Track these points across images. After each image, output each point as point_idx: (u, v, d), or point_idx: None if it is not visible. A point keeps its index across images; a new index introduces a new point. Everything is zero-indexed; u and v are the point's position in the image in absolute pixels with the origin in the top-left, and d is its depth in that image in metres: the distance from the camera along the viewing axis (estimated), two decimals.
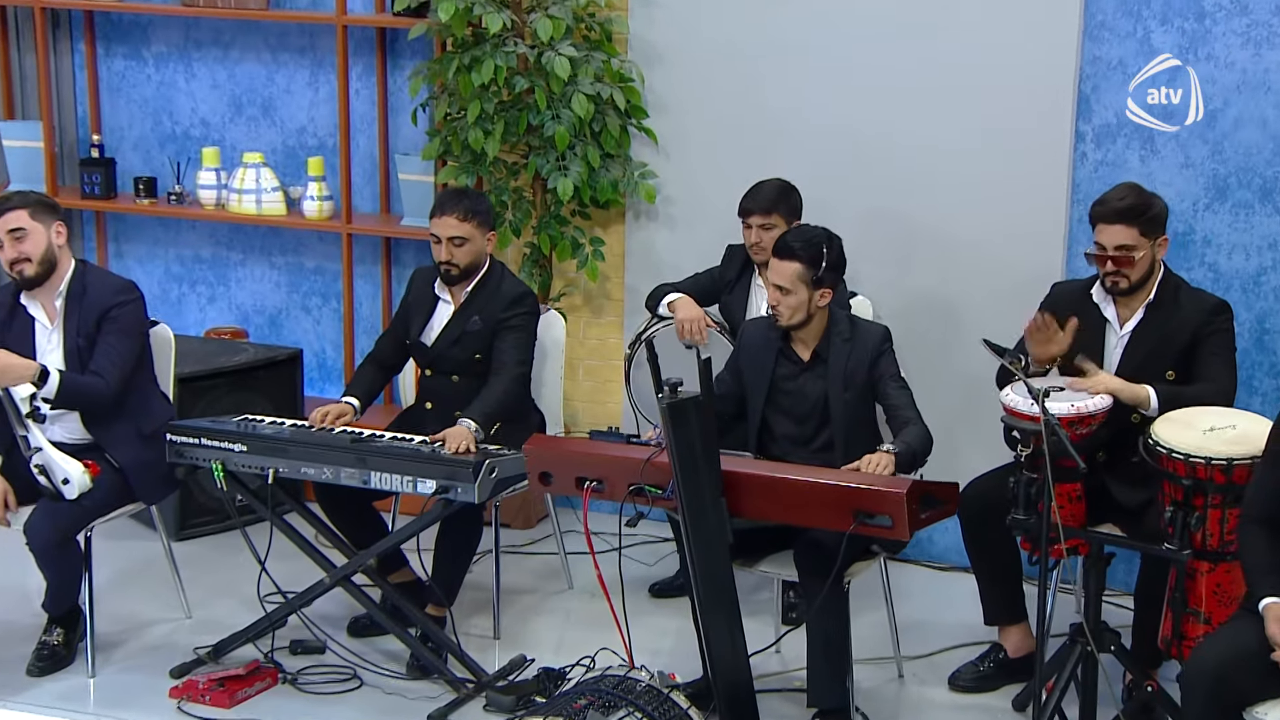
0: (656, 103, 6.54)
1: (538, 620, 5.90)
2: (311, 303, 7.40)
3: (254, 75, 7.28)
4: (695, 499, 4.35)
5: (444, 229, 5.52)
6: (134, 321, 5.26)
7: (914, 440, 4.83)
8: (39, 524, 5.05)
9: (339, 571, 5.28)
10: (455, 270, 5.55)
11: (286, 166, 7.26)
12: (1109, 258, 5.06)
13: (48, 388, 5.01)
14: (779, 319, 5.05)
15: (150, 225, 7.57)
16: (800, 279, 4.99)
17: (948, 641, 5.69)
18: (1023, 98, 5.98)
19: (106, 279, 5.32)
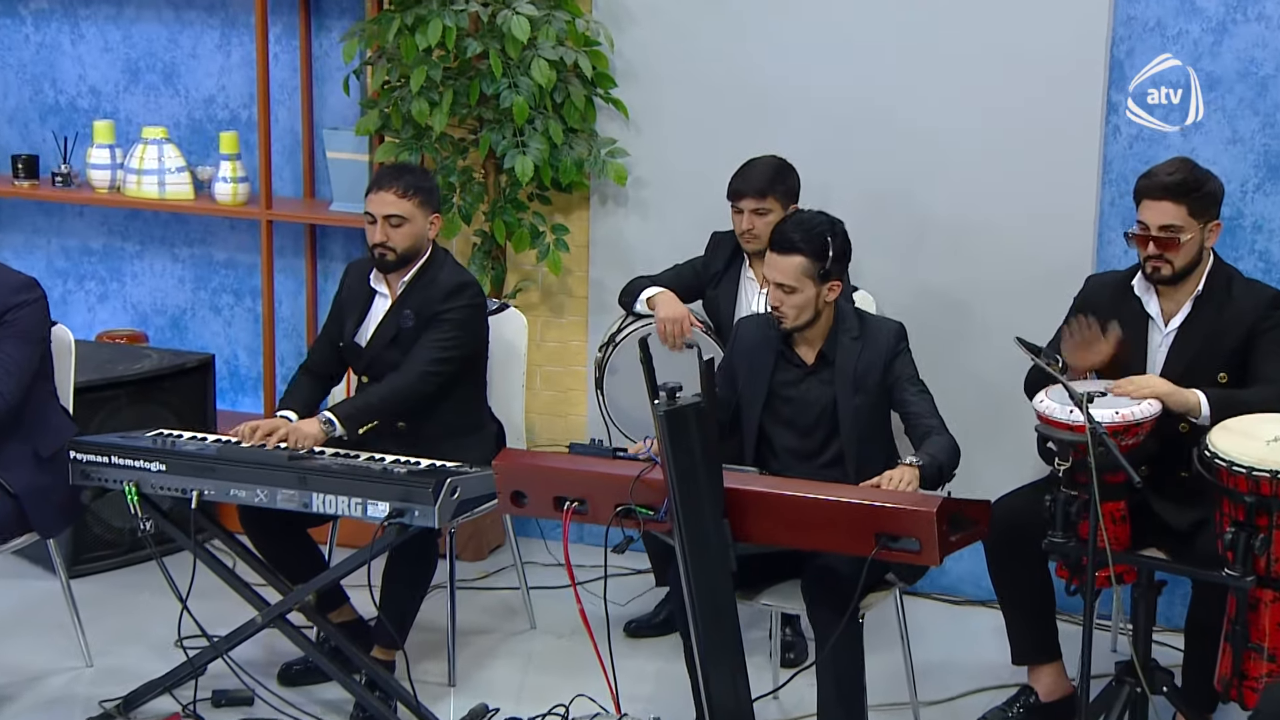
0: (626, 70, 6.62)
1: (497, 664, 5.97)
2: (222, 301, 7.44)
3: (153, 37, 7.31)
4: (695, 521, 4.42)
5: (379, 206, 5.57)
6: (35, 325, 5.28)
7: (939, 452, 4.93)
8: None
9: (273, 609, 5.31)
10: (391, 256, 5.59)
11: (192, 143, 7.30)
12: (1151, 238, 5.17)
13: None
14: (783, 321, 5.13)
15: (29, 211, 7.58)
16: (805, 274, 5.08)
17: (968, 685, 5.79)
18: (1048, 63, 6.09)
19: (5, 274, 5.33)
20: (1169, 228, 5.16)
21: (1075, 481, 4.85)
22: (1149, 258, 5.21)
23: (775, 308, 5.13)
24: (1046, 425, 4.91)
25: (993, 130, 6.22)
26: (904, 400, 5.12)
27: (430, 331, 5.57)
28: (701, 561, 4.49)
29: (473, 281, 5.69)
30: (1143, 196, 5.21)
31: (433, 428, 5.61)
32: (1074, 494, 4.83)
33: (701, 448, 4.39)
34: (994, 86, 6.19)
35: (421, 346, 5.57)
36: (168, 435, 5.47)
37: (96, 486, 5.31)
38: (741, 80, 6.50)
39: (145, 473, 5.22)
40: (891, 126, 6.33)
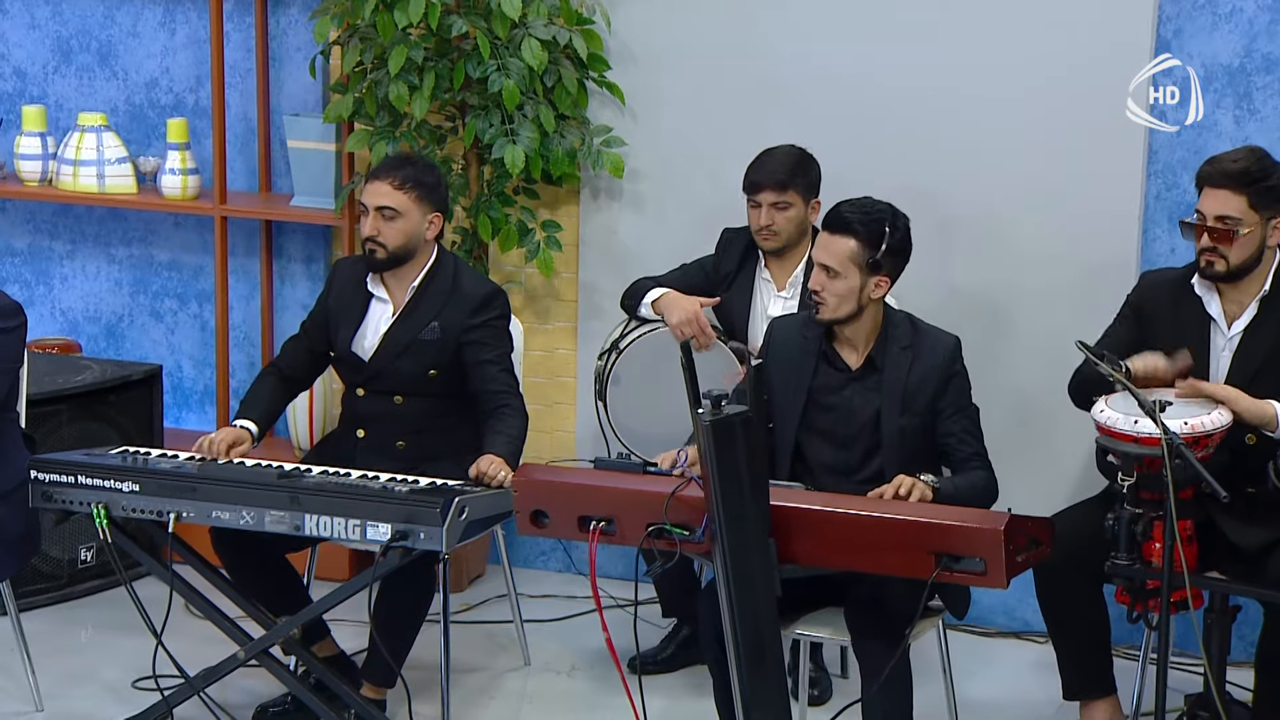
0: (620, 51, 6.73)
1: (492, 705, 6.06)
2: (163, 306, 7.49)
3: (87, 13, 7.36)
4: (740, 542, 4.52)
5: (373, 196, 5.66)
6: (11, 353, 5.39)
7: (966, 488, 5.07)
8: None
9: (257, 643, 5.39)
10: (381, 253, 5.68)
11: (132, 131, 7.35)
12: (1206, 229, 5.31)
13: None
14: (820, 310, 5.24)
15: None
16: (853, 260, 5.19)
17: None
18: (1089, 45, 6.24)
19: None
20: (1226, 219, 5.31)
21: (1139, 498, 4.99)
22: (1203, 250, 5.36)
23: (815, 292, 5.24)
24: (1109, 437, 5.05)
25: (1028, 117, 6.36)
26: (949, 432, 5.24)
27: (478, 351, 5.70)
28: (745, 587, 4.58)
29: (500, 290, 5.83)
30: (1204, 183, 5.37)
31: (437, 446, 5.71)
32: (1139, 512, 4.97)
33: (748, 461, 4.49)
34: (1029, 69, 6.32)
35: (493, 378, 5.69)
36: (135, 452, 5.53)
37: (60, 509, 5.36)
38: (748, 61, 6.62)
39: (116, 493, 5.28)
40: (916, 113, 6.46)
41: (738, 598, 4.58)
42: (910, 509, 4.75)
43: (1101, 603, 5.51)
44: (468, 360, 5.70)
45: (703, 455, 4.50)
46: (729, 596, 4.59)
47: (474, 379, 5.70)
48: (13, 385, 5.46)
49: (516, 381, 5.77)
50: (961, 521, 4.58)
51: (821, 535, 4.67)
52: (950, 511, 4.70)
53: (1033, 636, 6.57)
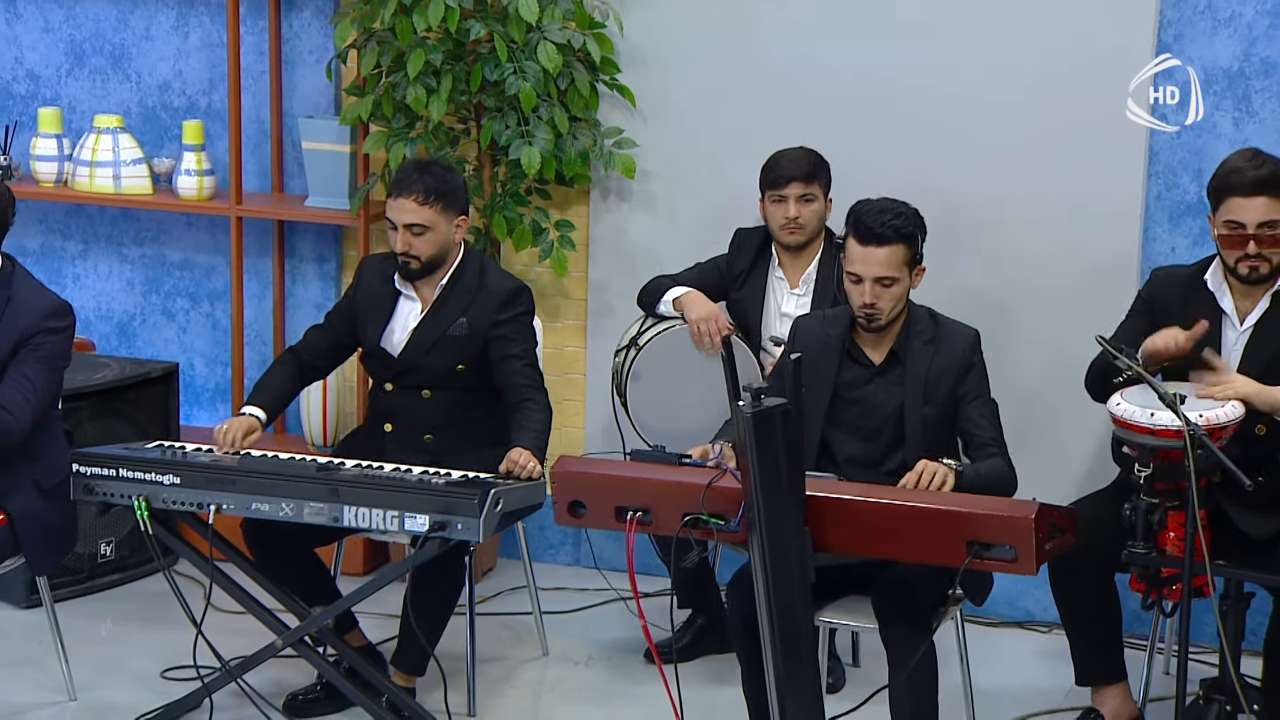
0: (630, 54, 6.81)
1: (514, 694, 6.14)
2: (176, 306, 7.54)
3: (101, 17, 7.41)
4: (778, 530, 4.60)
5: (400, 214, 5.73)
6: (60, 353, 5.45)
7: (988, 473, 5.17)
8: None
9: (294, 632, 5.46)
10: (416, 264, 5.77)
11: (145, 133, 7.39)
12: (1251, 237, 5.38)
13: None
14: (875, 319, 5.33)
15: None
16: (905, 263, 5.33)
17: (1019, 710, 6.02)
18: (1090, 48, 6.34)
19: (38, 295, 5.49)
20: (1271, 224, 5.37)
21: (1155, 489, 5.09)
22: (1245, 257, 5.40)
23: (870, 305, 5.32)
24: (1125, 430, 5.14)
25: (1030, 118, 6.46)
26: (969, 419, 5.36)
27: (509, 347, 5.79)
28: (781, 574, 4.65)
29: (526, 286, 5.92)
30: (1230, 194, 5.40)
31: (463, 439, 5.78)
32: (1155, 502, 5.07)
33: (786, 452, 4.57)
34: (1031, 71, 6.42)
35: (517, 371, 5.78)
36: (171, 446, 5.59)
37: (101, 502, 5.42)
38: (756, 64, 6.70)
39: (157, 486, 5.34)
40: (921, 114, 6.56)
41: (774, 585, 4.65)
42: (942, 499, 4.85)
43: (1113, 591, 5.61)
44: (493, 355, 5.77)
45: (742, 446, 4.58)
46: (765, 584, 4.66)
47: (499, 373, 5.78)
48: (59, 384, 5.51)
49: (541, 376, 5.85)
50: (993, 510, 4.67)
51: (855, 524, 4.75)
52: (981, 501, 4.79)
53: (1035, 626, 6.67)
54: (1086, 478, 6.38)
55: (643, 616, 5.03)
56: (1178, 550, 5.10)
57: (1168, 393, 4.91)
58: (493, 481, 5.31)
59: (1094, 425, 6.42)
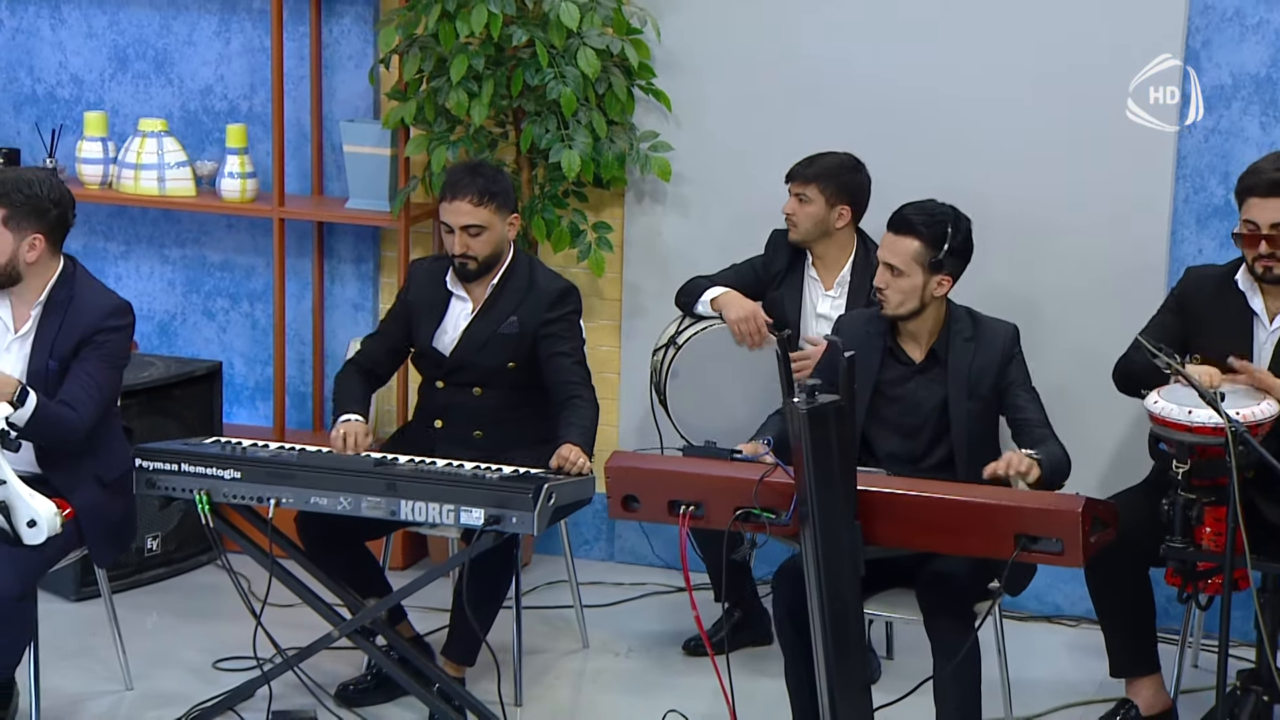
0: (666, 59, 6.85)
1: (558, 685, 6.19)
2: (216, 306, 7.58)
3: (144, 23, 7.44)
4: (830, 523, 4.65)
5: (456, 216, 5.78)
6: (122, 351, 5.49)
7: (1055, 458, 5.22)
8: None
9: (351, 622, 5.52)
10: (473, 265, 5.82)
11: (186, 136, 7.42)
12: (1263, 237, 5.46)
13: (21, 411, 5.17)
14: (884, 305, 5.39)
15: None
16: (916, 260, 5.34)
17: (1053, 701, 6.06)
18: (1121, 54, 6.39)
19: (100, 295, 5.51)
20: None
21: (1192, 485, 5.13)
22: (1259, 257, 5.50)
23: (879, 290, 5.39)
24: (1163, 427, 5.18)
25: (1060, 122, 6.51)
26: (1016, 405, 5.40)
27: (558, 345, 5.85)
28: (833, 567, 4.71)
29: (573, 286, 5.97)
30: (1249, 194, 5.50)
31: (512, 435, 5.83)
32: (1193, 498, 5.11)
33: (840, 448, 4.62)
34: (1063, 76, 6.48)
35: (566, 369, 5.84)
36: (228, 442, 5.63)
37: (163, 496, 5.47)
38: (789, 69, 6.75)
39: (218, 480, 5.39)
40: (952, 116, 6.61)
41: (826, 577, 4.71)
42: (992, 493, 4.89)
43: (1148, 585, 5.67)
44: (542, 353, 5.82)
45: (796, 441, 4.62)
46: (817, 576, 4.71)
47: (548, 370, 5.83)
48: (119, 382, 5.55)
49: (588, 373, 5.90)
50: (1041, 504, 4.73)
51: (905, 518, 4.81)
52: (1029, 495, 4.85)
53: (1064, 620, 6.73)
54: (1114, 472, 6.43)
55: (695, 606, 5.08)
56: (1214, 545, 5.15)
57: (1209, 391, 4.96)
58: (544, 476, 5.36)
59: (1121, 421, 6.49)
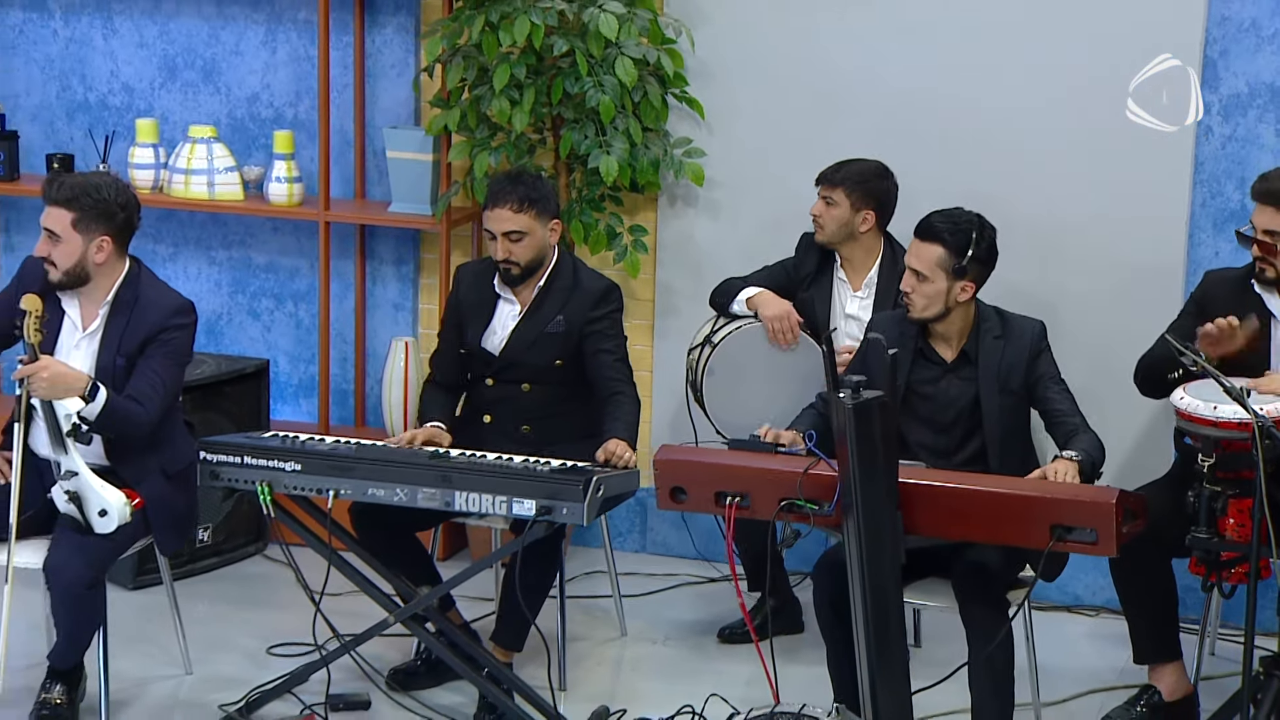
0: (698, 68, 6.92)
1: (598, 670, 6.27)
2: (261, 306, 7.65)
3: (193, 33, 7.52)
4: (873, 514, 4.73)
5: (498, 223, 5.86)
6: (185, 348, 5.59)
7: (1091, 448, 5.29)
8: (69, 560, 5.28)
9: (406, 609, 5.60)
10: (516, 270, 5.89)
11: (233, 142, 7.49)
12: (1256, 240, 5.56)
13: (92, 406, 5.26)
14: (910, 309, 5.48)
15: None
16: (940, 266, 5.42)
17: (1076, 688, 6.14)
18: (1140, 62, 6.46)
19: (164, 295, 5.60)
20: (1272, 233, 5.57)
21: (1217, 478, 5.21)
22: (1256, 259, 5.60)
23: (905, 294, 5.47)
24: (1189, 422, 5.26)
25: (1081, 129, 6.59)
26: (1047, 398, 5.48)
27: (598, 341, 5.93)
28: (875, 556, 4.79)
29: (615, 285, 6.05)
30: (1257, 199, 5.62)
31: (558, 430, 5.91)
32: (1218, 490, 5.19)
33: (883, 441, 4.70)
34: (1083, 86, 6.56)
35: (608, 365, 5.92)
36: (287, 435, 5.71)
37: (226, 488, 5.54)
38: (817, 77, 6.83)
39: (279, 472, 5.46)
40: (975, 123, 6.69)
41: (869, 566, 4.78)
42: (1028, 485, 4.97)
43: (1170, 575, 5.75)
44: (587, 350, 5.91)
45: (840, 434, 4.70)
46: (860, 564, 4.79)
47: (592, 367, 5.91)
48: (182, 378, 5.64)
49: (630, 370, 5.98)
50: (1076, 496, 4.81)
51: (944, 508, 4.89)
52: (1064, 487, 4.93)
53: (1084, 610, 6.80)
54: (1132, 467, 6.50)
55: (740, 594, 5.18)
56: (1237, 535, 5.23)
57: (1234, 387, 5.04)
58: (592, 469, 5.43)
59: (1139, 418, 6.58)
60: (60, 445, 5.29)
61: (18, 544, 5.40)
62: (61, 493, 5.33)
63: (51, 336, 5.46)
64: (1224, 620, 6.32)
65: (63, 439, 5.28)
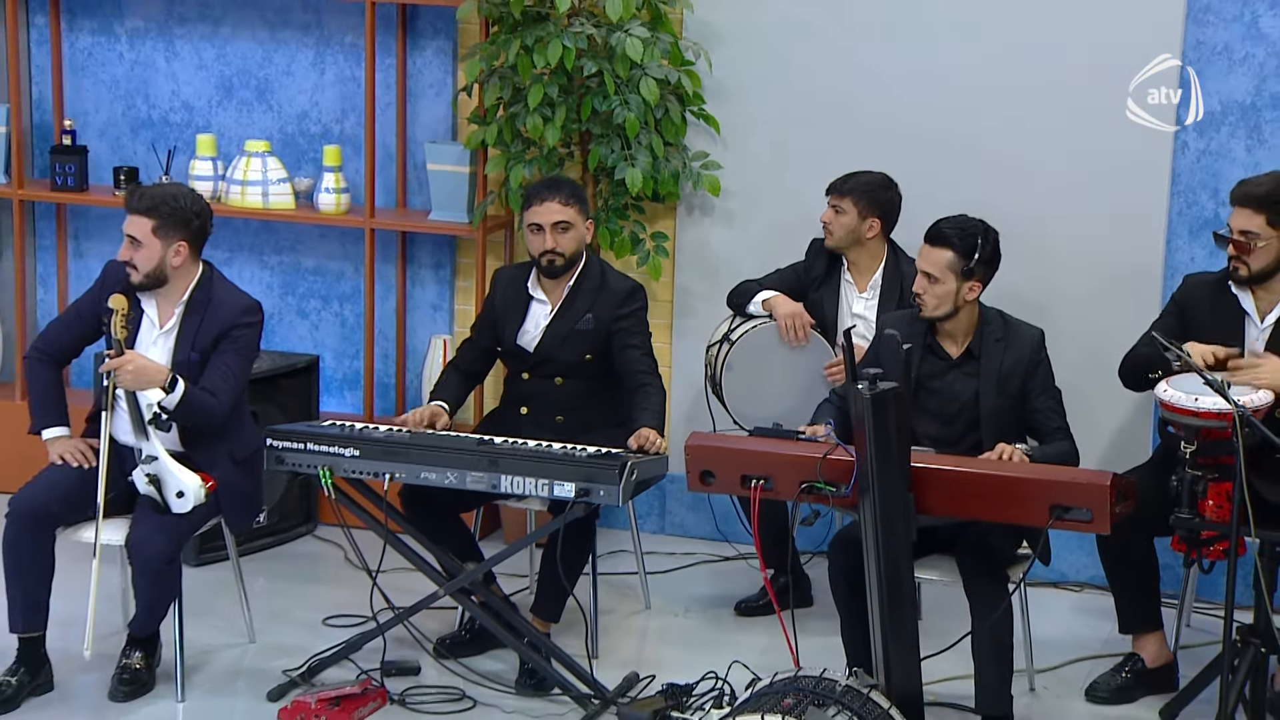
0: (715, 88, 6.98)
1: (626, 640, 6.31)
2: (309, 306, 7.69)
3: (248, 55, 7.57)
4: (888, 494, 4.79)
5: (547, 215, 5.90)
6: (253, 344, 5.67)
7: (1054, 453, 5.37)
8: (151, 538, 5.34)
9: (455, 581, 5.66)
10: (560, 260, 5.93)
11: (284, 155, 7.53)
12: (1231, 241, 5.62)
13: (172, 397, 5.32)
14: (922, 309, 5.53)
15: (118, 220, 7.72)
16: (950, 268, 5.48)
17: (1064, 656, 6.19)
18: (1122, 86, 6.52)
19: (234, 295, 5.66)
20: (1246, 233, 5.64)
21: (1198, 463, 5.27)
22: (1231, 258, 5.67)
23: (918, 294, 5.53)
24: (1172, 412, 5.32)
25: (1069, 144, 6.65)
26: (1034, 408, 5.55)
27: (625, 337, 5.99)
28: (889, 533, 4.85)
29: (640, 285, 6.10)
30: (1233, 203, 5.69)
31: (590, 419, 5.97)
32: (1198, 474, 5.25)
33: (897, 428, 4.76)
34: (1071, 106, 6.62)
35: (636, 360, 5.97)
36: (343, 424, 5.76)
37: (290, 471, 5.59)
38: (824, 96, 6.88)
39: (339, 458, 5.52)
40: (972, 140, 6.74)
41: (883, 542, 4.84)
42: (1030, 469, 5.03)
43: (1153, 552, 5.81)
44: (615, 345, 5.96)
45: (858, 422, 4.76)
46: (875, 541, 4.86)
47: (620, 360, 5.96)
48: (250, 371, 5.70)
49: (655, 362, 6.03)
50: (1073, 479, 4.88)
51: (953, 490, 4.95)
52: (1063, 470, 4.99)
53: (1069, 586, 6.85)
54: (1115, 453, 6.57)
55: (764, 568, 5.24)
56: (1216, 515, 5.29)
57: (1216, 380, 5.09)
58: (625, 455, 5.48)
59: (1122, 410, 6.63)
60: (142, 432, 5.36)
61: (113, 521, 5.49)
62: (142, 476, 5.39)
63: (131, 334, 5.51)
64: (1199, 595, 6.39)
65: (144, 426, 5.34)
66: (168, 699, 5.62)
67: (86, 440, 5.59)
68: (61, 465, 5.54)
